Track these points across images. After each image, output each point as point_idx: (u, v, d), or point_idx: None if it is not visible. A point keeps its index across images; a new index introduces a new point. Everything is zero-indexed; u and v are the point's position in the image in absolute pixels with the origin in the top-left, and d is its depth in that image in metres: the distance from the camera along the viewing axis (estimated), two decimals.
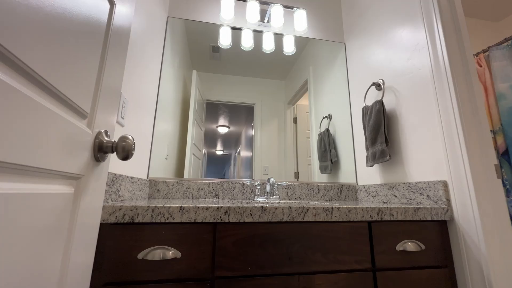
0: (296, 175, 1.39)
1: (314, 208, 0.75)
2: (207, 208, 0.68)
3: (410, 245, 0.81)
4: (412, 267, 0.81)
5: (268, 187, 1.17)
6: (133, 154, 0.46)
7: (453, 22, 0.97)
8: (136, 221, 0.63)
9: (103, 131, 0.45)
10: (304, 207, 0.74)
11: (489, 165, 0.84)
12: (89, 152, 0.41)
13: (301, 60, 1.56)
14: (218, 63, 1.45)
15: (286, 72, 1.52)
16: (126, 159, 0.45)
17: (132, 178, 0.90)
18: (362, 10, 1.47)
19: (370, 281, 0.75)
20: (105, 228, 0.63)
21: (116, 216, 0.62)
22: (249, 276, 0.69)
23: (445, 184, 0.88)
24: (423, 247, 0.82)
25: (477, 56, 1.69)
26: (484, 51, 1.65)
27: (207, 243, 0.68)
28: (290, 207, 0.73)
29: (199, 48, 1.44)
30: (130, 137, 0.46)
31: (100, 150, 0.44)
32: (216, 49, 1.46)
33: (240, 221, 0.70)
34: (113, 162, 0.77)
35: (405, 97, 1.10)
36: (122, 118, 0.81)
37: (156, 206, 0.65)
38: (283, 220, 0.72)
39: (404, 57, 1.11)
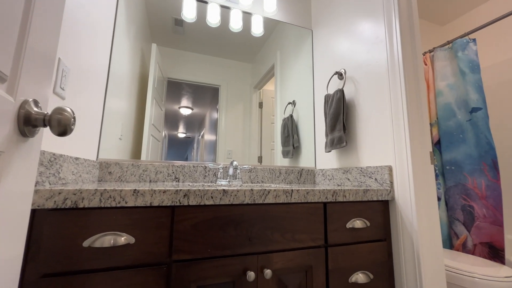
0: (260, 159, 1.40)
1: (275, 190, 0.77)
2: (164, 191, 0.64)
3: (358, 223, 0.89)
4: (358, 242, 0.90)
5: (231, 170, 1.16)
6: (72, 129, 0.40)
7: (408, 21, 1.04)
8: (81, 206, 0.57)
9: (31, 100, 0.37)
10: (265, 189, 0.76)
11: (425, 153, 0.96)
12: (11, 124, 0.34)
13: (269, 44, 1.53)
14: (181, 38, 1.33)
15: (254, 55, 1.48)
16: (64, 135, 0.39)
17: (77, 159, 0.80)
18: None
19: (322, 256, 0.82)
20: (40, 215, 0.55)
21: (55, 201, 0.55)
22: (208, 258, 0.69)
23: (390, 169, 0.99)
24: (368, 224, 0.91)
25: (424, 55, 1.88)
26: (430, 51, 1.83)
27: (164, 227, 0.65)
28: (252, 189, 0.74)
29: (159, 19, 1.30)
30: (69, 109, 0.39)
31: (28, 123, 0.37)
32: (179, 22, 1.34)
33: (201, 204, 0.68)
34: (51, 139, 0.66)
35: (363, 88, 1.17)
36: (62, 89, 0.69)
37: (105, 189, 0.59)
38: (245, 203, 0.73)
39: (364, 49, 1.17)
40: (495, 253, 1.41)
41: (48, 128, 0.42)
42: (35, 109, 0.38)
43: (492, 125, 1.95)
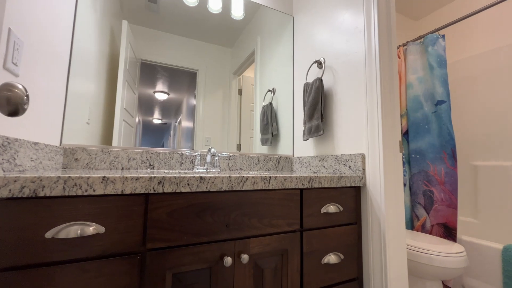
0: (238, 147, 1.39)
1: (253, 177, 0.77)
2: (137, 179, 0.61)
3: (332, 208, 0.93)
4: (331, 226, 0.95)
5: (208, 158, 1.14)
6: (26, 109, 0.35)
7: (386, 13, 1.06)
8: (41, 195, 0.52)
9: None
10: (243, 176, 0.75)
11: (395, 142, 1.02)
12: None
13: (249, 28, 1.48)
14: (156, 17, 1.24)
15: (234, 40, 1.43)
16: (15, 115, 0.34)
17: (36, 144, 0.73)
18: None
19: (297, 240, 0.85)
20: None
21: (10, 190, 0.49)
22: (185, 245, 0.68)
23: (363, 156, 1.03)
24: (341, 208, 0.96)
25: (398, 48, 1.96)
26: (403, 45, 1.91)
27: (137, 216, 0.62)
28: (229, 176, 0.73)
29: None
30: (20, 86, 0.34)
31: None
32: None
33: (176, 191, 0.66)
34: (3, 122, 0.59)
35: (341, 77, 1.19)
36: (15, 64, 0.61)
37: (69, 176, 0.55)
38: (222, 189, 0.72)
39: (344, 39, 1.18)
40: (448, 233, 1.57)
41: None
42: None
43: (453, 117, 2.12)
